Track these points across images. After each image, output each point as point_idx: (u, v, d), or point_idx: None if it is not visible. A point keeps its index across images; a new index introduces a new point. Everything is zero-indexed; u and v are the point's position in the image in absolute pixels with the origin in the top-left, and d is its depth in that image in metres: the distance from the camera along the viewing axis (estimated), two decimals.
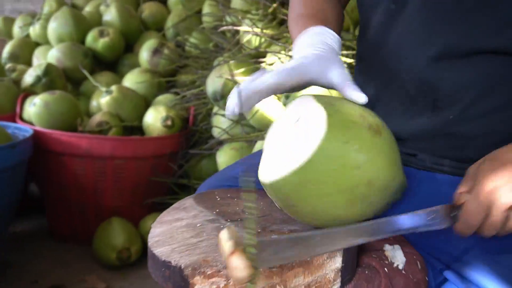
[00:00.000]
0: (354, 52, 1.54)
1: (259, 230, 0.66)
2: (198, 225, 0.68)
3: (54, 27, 2.28)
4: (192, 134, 2.07)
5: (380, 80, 0.84)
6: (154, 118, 1.97)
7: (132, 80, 2.15)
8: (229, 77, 1.69)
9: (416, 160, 0.81)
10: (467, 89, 0.74)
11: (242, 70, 1.71)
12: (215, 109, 1.91)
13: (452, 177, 0.78)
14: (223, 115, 1.84)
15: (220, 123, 1.85)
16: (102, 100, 2.01)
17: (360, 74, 0.90)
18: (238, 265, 0.52)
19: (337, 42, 0.77)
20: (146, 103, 2.11)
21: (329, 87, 0.70)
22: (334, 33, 0.77)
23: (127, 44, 2.38)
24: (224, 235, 0.54)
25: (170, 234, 0.66)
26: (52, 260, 1.80)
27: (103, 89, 2.04)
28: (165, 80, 2.20)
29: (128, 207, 1.95)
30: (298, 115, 0.65)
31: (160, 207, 1.89)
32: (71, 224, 1.93)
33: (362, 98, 0.66)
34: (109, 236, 1.77)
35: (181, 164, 2.03)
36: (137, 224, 1.89)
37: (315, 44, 0.73)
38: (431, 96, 0.76)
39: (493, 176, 0.61)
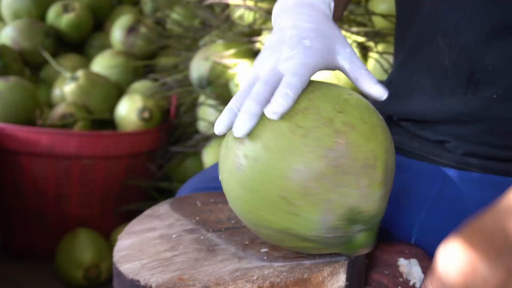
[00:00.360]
0: (366, 28, 1.54)
1: (246, 242, 0.66)
2: (174, 236, 0.68)
3: (8, 1, 2.27)
4: (174, 129, 2.07)
5: (409, 45, 0.85)
6: (129, 109, 1.97)
7: (102, 64, 2.15)
8: (218, 60, 1.68)
9: (443, 150, 0.81)
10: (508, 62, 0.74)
11: (233, 51, 1.70)
12: (201, 98, 1.91)
13: (481, 175, 0.78)
14: (211, 106, 1.84)
15: (207, 115, 1.85)
16: (66, 88, 2.00)
17: (396, 36, 0.92)
18: None
19: (325, 1, 0.74)
20: (119, 91, 2.10)
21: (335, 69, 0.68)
22: None
23: (97, 22, 2.37)
24: None
25: (140, 247, 0.66)
26: (7, 280, 1.80)
27: (68, 75, 2.04)
28: (142, 64, 2.20)
29: (98, 216, 1.95)
30: None
31: (136, 216, 1.89)
32: (29, 237, 1.93)
33: (381, 93, 0.64)
34: (75, 251, 1.77)
35: (161, 164, 2.03)
36: (109, 236, 1.89)
37: (300, 9, 0.70)
38: (469, 68, 0.76)
39: (464, 263, 0.53)
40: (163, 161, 2.03)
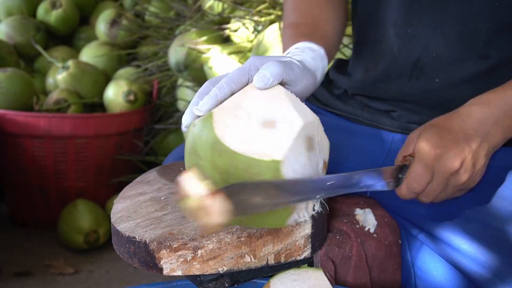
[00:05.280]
0: None
1: None
2: (163, 198, 0.68)
3: (1, 1, 2.21)
4: (156, 109, 2.06)
5: (363, 36, 0.87)
6: (116, 93, 1.95)
7: (89, 54, 2.11)
8: (192, 46, 1.67)
9: (390, 119, 0.83)
10: (450, 51, 0.76)
11: (205, 38, 1.69)
12: (180, 80, 1.90)
13: None
14: (188, 87, 1.84)
15: (185, 96, 1.84)
16: (59, 77, 1.97)
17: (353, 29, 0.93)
18: (217, 209, 0.47)
19: (317, 57, 0.76)
20: (106, 78, 2.07)
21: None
22: (315, 46, 0.77)
23: (82, 16, 2.33)
24: (190, 176, 0.49)
25: (134, 209, 0.66)
26: (15, 247, 1.79)
27: (59, 64, 2.00)
28: (125, 53, 2.17)
29: (93, 188, 1.93)
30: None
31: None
32: (33, 209, 1.91)
33: (262, 81, 0.62)
34: (75, 219, 1.76)
35: (147, 140, 2.02)
36: (104, 205, 1.88)
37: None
38: (415, 55, 0.78)
39: (438, 141, 0.65)
40: (148, 138, 2.02)
